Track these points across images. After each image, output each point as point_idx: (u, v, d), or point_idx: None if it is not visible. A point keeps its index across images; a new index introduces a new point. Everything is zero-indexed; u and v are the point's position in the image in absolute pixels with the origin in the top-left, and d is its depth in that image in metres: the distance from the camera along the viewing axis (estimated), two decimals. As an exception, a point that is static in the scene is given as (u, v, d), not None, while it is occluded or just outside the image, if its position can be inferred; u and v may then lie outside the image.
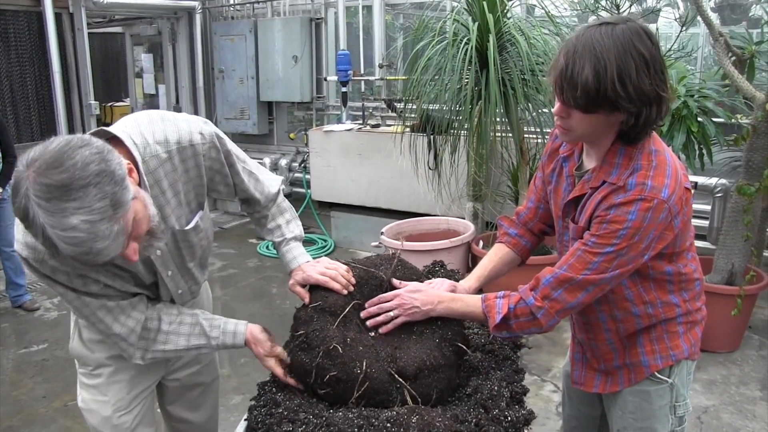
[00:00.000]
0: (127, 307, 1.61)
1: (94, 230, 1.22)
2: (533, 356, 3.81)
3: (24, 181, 1.20)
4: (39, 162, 1.21)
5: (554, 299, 1.52)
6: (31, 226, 1.22)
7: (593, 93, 1.36)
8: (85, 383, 1.82)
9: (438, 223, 4.78)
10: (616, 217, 1.43)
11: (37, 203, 1.19)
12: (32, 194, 1.19)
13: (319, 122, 6.81)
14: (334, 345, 1.58)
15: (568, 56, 1.38)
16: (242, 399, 3.49)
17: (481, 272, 1.87)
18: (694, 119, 3.70)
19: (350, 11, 6.49)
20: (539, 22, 4.24)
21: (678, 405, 1.67)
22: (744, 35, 4.14)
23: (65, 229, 1.20)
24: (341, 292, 1.73)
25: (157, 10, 7.15)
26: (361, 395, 1.56)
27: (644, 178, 1.43)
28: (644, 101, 1.38)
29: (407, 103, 4.52)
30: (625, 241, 1.43)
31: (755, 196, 3.57)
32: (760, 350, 3.95)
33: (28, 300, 4.86)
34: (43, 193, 1.19)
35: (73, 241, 1.22)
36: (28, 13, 5.94)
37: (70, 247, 1.22)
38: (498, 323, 1.58)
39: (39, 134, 6.17)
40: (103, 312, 1.58)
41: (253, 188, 1.80)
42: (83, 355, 1.79)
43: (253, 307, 4.85)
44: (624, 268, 1.48)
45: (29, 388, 3.71)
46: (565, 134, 1.52)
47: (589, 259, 1.48)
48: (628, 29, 1.37)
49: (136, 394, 1.82)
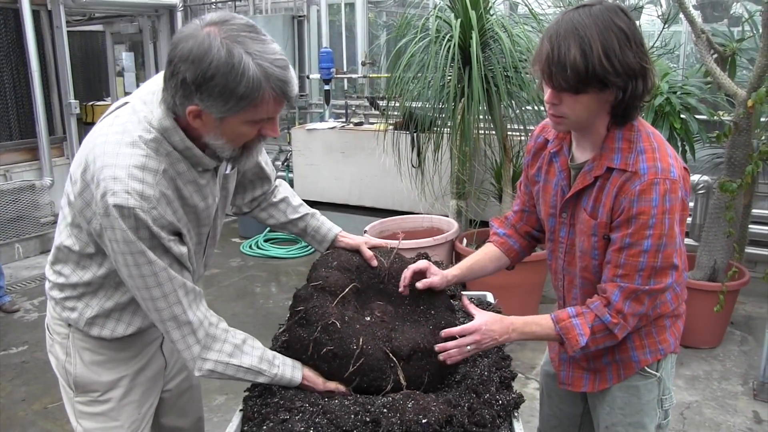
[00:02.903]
0: (199, 294, 1.52)
1: (286, 60, 1.38)
2: (517, 354, 3.81)
3: (210, 35, 1.30)
4: (214, 19, 1.34)
5: (626, 313, 1.51)
6: (238, 65, 1.29)
7: (583, 71, 1.37)
8: (88, 412, 1.69)
9: (422, 221, 4.77)
10: (641, 209, 1.43)
11: (246, 36, 1.32)
12: (233, 34, 1.31)
13: (302, 120, 6.78)
14: (332, 321, 1.59)
15: (551, 41, 1.40)
16: (225, 399, 3.47)
17: (465, 263, 1.87)
18: (677, 116, 3.72)
19: (333, 9, 6.46)
20: (522, 19, 4.24)
21: (665, 398, 1.69)
22: (726, 33, 4.17)
23: (274, 53, 1.35)
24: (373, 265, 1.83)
25: (138, 7, 7.09)
26: (355, 371, 1.57)
27: (653, 161, 1.45)
28: (630, 75, 1.39)
29: (390, 100, 4.50)
30: (658, 229, 1.43)
31: (737, 193, 3.59)
32: (741, 346, 3.98)
33: (8, 301, 4.79)
34: (243, 29, 1.33)
35: (282, 64, 1.35)
36: (5, 9, 5.84)
37: (281, 70, 1.34)
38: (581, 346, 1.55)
39: (18, 133, 6.08)
40: (182, 292, 1.47)
41: (261, 157, 1.83)
42: (89, 380, 1.67)
43: (236, 306, 4.82)
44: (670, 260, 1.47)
45: (8, 391, 3.65)
46: (559, 123, 1.52)
47: (634, 261, 1.47)
48: (604, 8, 1.41)
49: (146, 410, 1.76)
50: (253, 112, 1.37)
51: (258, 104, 1.35)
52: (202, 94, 1.32)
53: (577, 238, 1.61)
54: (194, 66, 1.29)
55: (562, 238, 1.66)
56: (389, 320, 1.71)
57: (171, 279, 1.45)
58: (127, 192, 1.35)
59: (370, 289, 1.82)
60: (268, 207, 1.93)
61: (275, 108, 1.39)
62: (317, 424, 1.44)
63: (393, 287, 1.81)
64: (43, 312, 4.62)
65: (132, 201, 1.35)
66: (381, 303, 1.77)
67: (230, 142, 1.45)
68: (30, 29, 5.75)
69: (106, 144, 1.40)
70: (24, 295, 5.02)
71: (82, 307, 1.62)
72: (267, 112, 1.39)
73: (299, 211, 1.95)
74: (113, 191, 1.35)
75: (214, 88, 1.30)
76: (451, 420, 1.44)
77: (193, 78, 1.30)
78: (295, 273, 5.51)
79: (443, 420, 1.42)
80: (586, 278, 1.62)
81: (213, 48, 1.28)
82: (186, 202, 1.50)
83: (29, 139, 6.11)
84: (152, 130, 1.42)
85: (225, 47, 1.28)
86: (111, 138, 1.41)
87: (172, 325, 1.48)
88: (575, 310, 1.57)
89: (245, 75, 1.29)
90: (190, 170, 1.49)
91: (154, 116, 1.42)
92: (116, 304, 1.62)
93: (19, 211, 5.85)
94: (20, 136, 6.11)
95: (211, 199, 1.59)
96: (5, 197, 5.75)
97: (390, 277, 1.82)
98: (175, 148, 1.44)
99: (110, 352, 1.68)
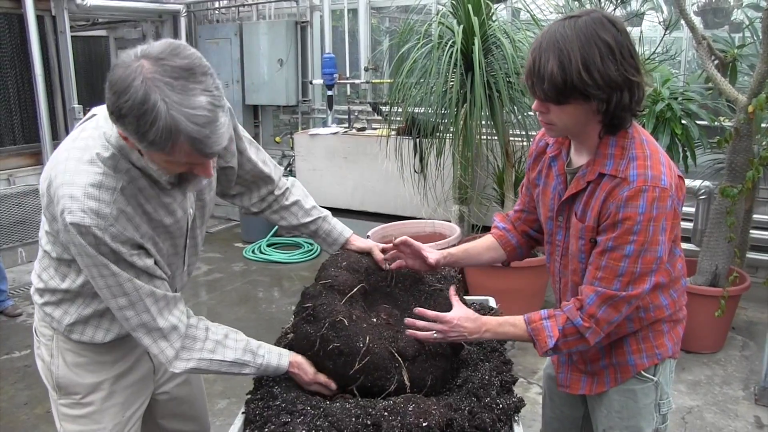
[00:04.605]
0: (171, 300, 1.54)
1: (216, 114, 1.27)
2: (519, 358, 3.81)
3: (138, 70, 1.22)
4: (152, 52, 1.25)
5: (600, 317, 1.52)
6: (150, 111, 1.21)
7: (560, 84, 1.39)
8: (71, 414, 1.72)
9: (424, 226, 4.77)
10: (627, 215, 1.44)
11: (165, 82, 1.22)
12: (157, 76, 1.22)
13: (305, 126, 6.80)
14: (340, 318, 1.61)
15: (534, 53, 1.43)
16: (228, 403, 3.47)
17: (462, 246, 1.93)
18: (678, 122, 3.73)
19: (336, 15, 6.48)
20: (524, 25, 4.25)
21: (662, 403, 1.70)
22: (726, 39, 4.19)
23: (195, 108, 1.24)
24: (383, 268, 1.86)
25: (142, 13, 7.10)
26: (360, 369, 1.58)
27: (644, 168, 1.45)
28: (613, 87, 1.40)
29: (393, 106, 4.51)
30: (641, 236, 1.44)
31: (738, 198, 3.60)
32: (742, 350, 3.98)
33: (10, 305, 4.80)
34: (169, 73, 1.23)
35: (201, 121, 1.24)
36: (9, 15, 5.87)
37: (197, 127, 1.24)
38: (551, 347, 1.56)
39: (21, 138, 6.10)
40: (151, 300, 1.49)
41: (255, 156, 1.82)
42: (71, 382, 1.69)
43: (239, 311, 4.83)
44: (650, 267, 1.47)
45: (10, 395, 3.66)
46: (550, 129, 1.55)
47: (615, 265, 1.48)
48: (590, 20, 1.41)
49: (131, 414, 1.77)
50: (168, 156, 1.32)
51: (170, 152, 1.30)
52: (120, 124, 1.30)
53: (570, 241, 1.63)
54: (114, 97, 1.25)
55: (558, 241, 1.68)
56: (395, 323, 1.72)
57: (137, 289, 1.47)
58: (83, 211, 1.37)
59: (377, 291, 1.84)
60: (279, 209, 1.94)
61: (195, 158, 1.33)
62: (318, 427, 1.45)
63: (399, 292, 1.82)
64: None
65: (87, 220, 1.37)
66: (387, 306, 1.79)
67: (162, 170, 1.43)
68: (34, 34, 5.76)
69: (68, 161, 1.42)
70: (26, 299, 5.03)
71: (60, 314, 1.65)
72: (186, 159, 1.33)
73: (311, 214, 1.96)
74: (70, 210, 1.37)
75: (128, 125, 1.27)
76: (451, 423, 1.45)
77: (111, 109, 1.27)
78: (298, 278, 5.52)
79: (444, 423, 1.43)
80: (576, 282, 1.64)
81: (132, 87, 1.22)
82: (151, 217, 1.50)
83: (33, 143, 6.12)
84: (110, 147, 1.43)
85: (143, 89, 1.22)
86: (72, 154, 1.43)
87: (142, 332, 1.52)
88: (548, 312, 1.59)
89: (155, 124, 1.23)
90: (152, 187, 1.49)
91: (113, 133, 1.43)
92: (94, 311, 1.64)
93: (23, 215, 5.87)
94: (24, 140, 6.13)
95: (180, 213, 1.59)
96: (9, 201, 5.77)
97: (397, 281, 1.84)
98: (134, 165, 1.45)
99: (92, 354, 1.70)
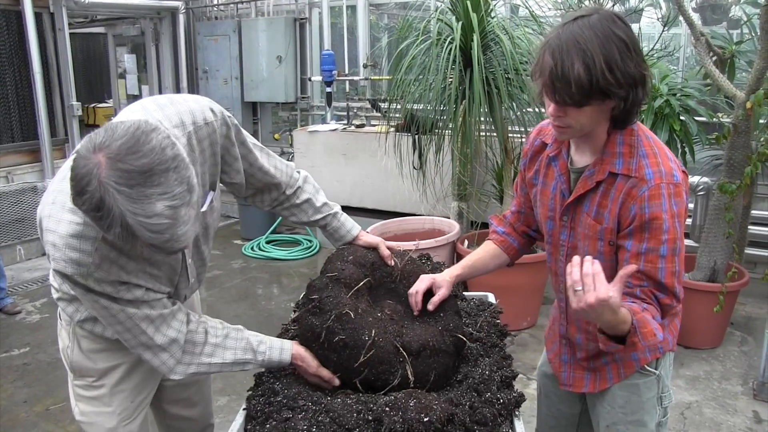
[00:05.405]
0: (168, 316, 1.54)
1: (176, 216, 1.19)
2: (519, 354, 3.82)
3: (95, 169, 1.13)
4: (111, 147, 1.14)
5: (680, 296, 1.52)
6: (107, 216, 1.15)
7: (587, 86, 1.36)
8: (84, 395, 1.75)
9: (423, 223, 4.78)
10: (653, 215, 1.44)
11: (119, 191, 1.13)
12: (112, 182, 1.13)
13: (304, 122, 6.80)
14: (346, 310, 1.62)
15: (554, 56, 1.38)
16: (228, 400, 3.48)
17: (467, 262, 1.90)
18: (677, 118, 3.74)
19: (334, 11, 6.48)
20: (523, 22, 4.25)
21: (664, 396, 1.70)
22: (725, 35, 4.19)
23: (150, 216, 1.15)
24: (389, 264, 1.87)
25: (140, 10, 7.10)
26: (364, 362, 1.58)
27: (656, 165, 1.46)
28: (631, 83, 1.40)
29: (392, 102, 4.51)
30: (671, 233, 1.44)
31: (736, 194, 3.60)
32: (741, 346, 3.99)
33: (10, 303, 4.80)
34: (125, 179, 1.13)
35: (158, 228, 1.17)
36: (7, 12, 5.86)
37: (154, 234, 1.17)
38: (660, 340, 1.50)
39: (20, 135, 6.09)
40: (146, 323, 1.50)
41: (267, 163, 1.80)
42: (85, 366, 1.72)
43: (238, 308, 4.83)
44: (682, 263, 1.48)
45: (10, 393, 3.66)
46: (564, 133, 1.52)
47: (652, 269, 1.46)
48: (602, 17, 1.40)
49: (140, 401, 1.79)
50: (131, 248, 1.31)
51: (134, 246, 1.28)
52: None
53: (580, 241, 1.61)
54: (73, 193, 1.18)
55: (562, 241, 1.66)
56: (399, 319, 1.73)
57: (130, 317, 1.49)
58: (64, 261, 1.37)
59: (381, 287, 1.85)
60: (290, 207, 1.94)
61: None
62: (320, 422, 1.45)
63: (404, 288, 1.83)
64: (44, 314, 4.66)
65: (69, 269, 1.37)
66: (391, 302, 1.80)
67: None
68: (32, 31, 5.76)
69: (53, 204, 1.40)
70: (26, 297, 5.03)
71: (72, 310, 1.67)
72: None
73: (322, 211, 1.96)
74: (53, 257, 1.38)
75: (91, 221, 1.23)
76: (452, 418, 1.45)
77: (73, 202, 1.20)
78: (297, 275, 5.52)
79: (445, 419, 1.43)
80: None
81: (88, 191, 1.14)
82: (138, 255, 1.48)
83: (31, 141, 6.12)
84: None
85: (98, 195, 1.14)
86: (57, 198, 1.40)
87: (142, 349, 1.55)
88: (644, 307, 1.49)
89: (112, 228, 1.17)
90: None
91: None
92: None
93: (21, 212, 5.86)
94: (22, 138, 6.12)
95: None
96: (7, 199, 5.77)
97: (402, 278, 1.85)
98: None
99: (107, 342, 1.71)
